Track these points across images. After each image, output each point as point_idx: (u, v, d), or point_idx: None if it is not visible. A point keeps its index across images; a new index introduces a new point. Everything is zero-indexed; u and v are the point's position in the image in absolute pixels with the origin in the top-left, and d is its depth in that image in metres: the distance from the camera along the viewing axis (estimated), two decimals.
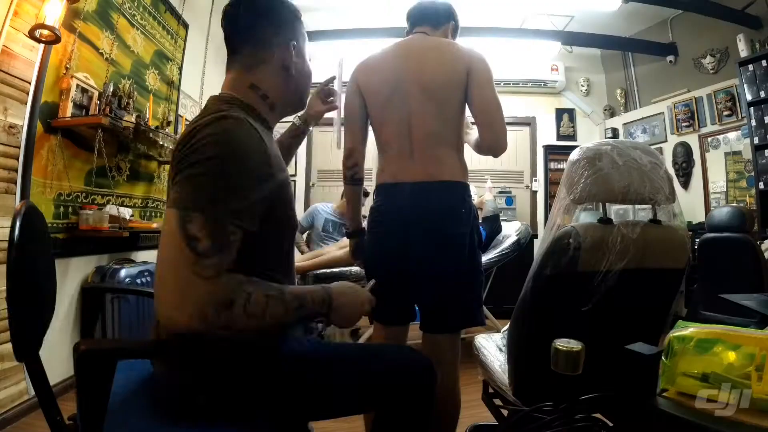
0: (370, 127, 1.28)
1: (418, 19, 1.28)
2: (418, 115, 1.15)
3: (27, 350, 0.70)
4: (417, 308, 1.24)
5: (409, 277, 1.15)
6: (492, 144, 1.16)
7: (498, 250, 2.66)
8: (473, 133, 1.26)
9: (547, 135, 4.54)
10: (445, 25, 1.28)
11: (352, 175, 1.27)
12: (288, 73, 0.84)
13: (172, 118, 2.84)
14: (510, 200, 4.21)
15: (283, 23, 0.84)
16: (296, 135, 1.16)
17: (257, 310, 0.64)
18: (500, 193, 4.21)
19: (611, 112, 4.45)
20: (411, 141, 1.16)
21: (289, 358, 0.79)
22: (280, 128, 0.99)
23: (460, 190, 1.18)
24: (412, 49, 1.21)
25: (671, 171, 3.42)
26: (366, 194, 1.28)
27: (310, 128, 1.18)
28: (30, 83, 1.74)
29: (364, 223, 1.32)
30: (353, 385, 0.82)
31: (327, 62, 4.22)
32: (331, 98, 1.17)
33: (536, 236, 3.74)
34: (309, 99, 1.06)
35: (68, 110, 1.88)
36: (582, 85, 4.54)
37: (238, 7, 0.82)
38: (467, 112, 1.21)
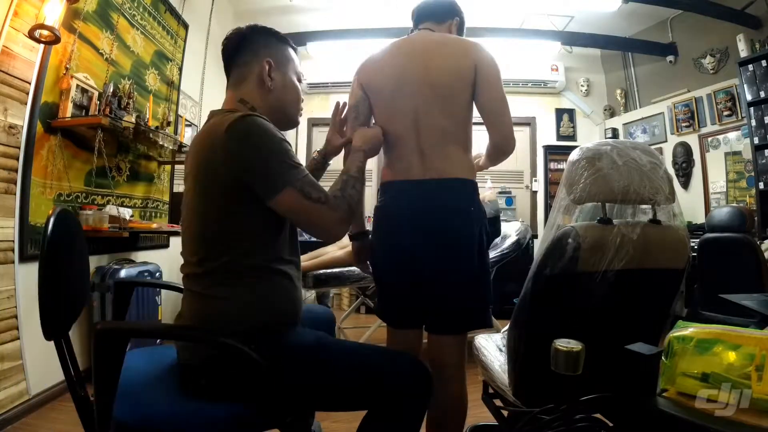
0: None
1: (422, 16, 1.25)
2: (425, 111, 1.12)
3: (54, 332, 0.82)
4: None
5: (416, 278, 1.11)
6: (499, 142, 1.16)
7: (498, 250, 2.66)
8: (484, 155, 1.28)
9: (547, 135, 4.54)
10: (449, 20, 1.25)
11: None
12: (265, 86, 0.97)
13: (172, 119, 2.83)
14: (510, 200, 4.21)
15: (263, 45, 0.99)
16: (317, 168, 1.25)
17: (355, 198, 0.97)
18: (500, 193, 4.20)
19: (611, 113, 4.45)
20: (417, 138, 1.13)
21: (292, 348, 0.87)
22: None
23: (469, 189, 1.15)
24: (416, 44, 1.18)
25: (671, 171, 3.43)
26: None
27: (329, 162, 1.27)
28: (30, 83, 1.74)
29: (368, 225, 1.29)
30: (348, 381, 0.87)
31: (327, 62, 4.25)
32: (345, 128, 1.21)
33: (536, 236, 3.75)
34: (328, 134, 1.22)
35: (68, 110, 1.88)
36: (582, 86, 4.54)
37: (230, 38, 0.99)
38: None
